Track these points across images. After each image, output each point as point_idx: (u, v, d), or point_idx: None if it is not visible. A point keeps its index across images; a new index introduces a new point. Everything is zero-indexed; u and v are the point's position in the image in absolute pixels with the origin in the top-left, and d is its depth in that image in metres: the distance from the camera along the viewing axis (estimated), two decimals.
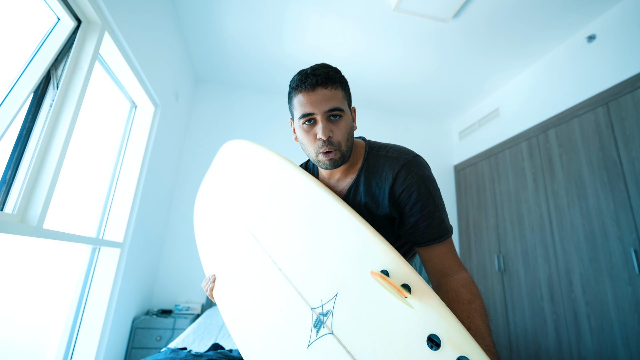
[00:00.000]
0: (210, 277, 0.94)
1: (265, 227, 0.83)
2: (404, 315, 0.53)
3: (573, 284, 2.03)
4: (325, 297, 0.64)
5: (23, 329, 1.39)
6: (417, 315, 0.52)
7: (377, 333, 0.55)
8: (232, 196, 0.99)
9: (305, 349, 0.63)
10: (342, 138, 0.73)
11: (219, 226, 1.01)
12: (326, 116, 0.71)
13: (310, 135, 0.73)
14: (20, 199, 1.12)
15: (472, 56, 2.54)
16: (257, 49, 2.62)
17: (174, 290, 2.57)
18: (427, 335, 0.50)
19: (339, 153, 0.73)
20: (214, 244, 1.03)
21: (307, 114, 0.71)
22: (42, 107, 1.22)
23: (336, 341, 0.59)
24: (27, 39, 1.20)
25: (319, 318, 0.63)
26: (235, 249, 0.90)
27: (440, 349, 0.48)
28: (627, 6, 1.98)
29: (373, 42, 2.45)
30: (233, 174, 1.03)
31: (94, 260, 1.73)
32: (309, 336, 0.64)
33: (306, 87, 0.71)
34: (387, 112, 3.56)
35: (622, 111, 1.89)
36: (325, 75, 0.71)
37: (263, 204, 0.86)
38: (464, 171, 3.31)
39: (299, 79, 0.73)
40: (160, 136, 2.22)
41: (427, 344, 0.49)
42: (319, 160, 0.75)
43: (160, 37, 2.02)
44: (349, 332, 0.58)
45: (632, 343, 1.69)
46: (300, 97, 0.72)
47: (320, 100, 0.70)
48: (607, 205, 1.90)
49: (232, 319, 0.84)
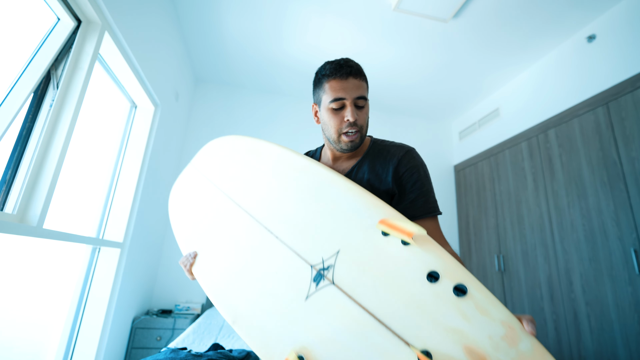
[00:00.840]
0: (190, 254, 0.90)
1: (261, 205, 0.84)
2: (405, 260, 0.58)
3: (573, 284, 2.03)
4: (327, 255, 0.67)
5: (23, 329, 1.39)
6: (417, 258, 0.57)
7: (380, 278, 0.59)
8: (221, 181, 0.98)
9: (303, 301, 0.64)
10: (364, 123, 0.84)
11: (202, 208, 1.00)
12: (355, 102, 0.81)
13: (338, 117, 0.82)
14: (20, 199, 1.12)
15: (472, 56, 2.54)
16: (257, 49, 2.62)
17: (174, 290, 2.57)
18: (427, 272, 0.55)
19: (360, 135, 0.83)
20: (194, 225, 1.00)
21: (339, 98, 0.81)
22: (42, 107, 1.22)
23: (337, 290, 0.61)
24: (27, 39, 1.20)
25: (319, 273, 0.65)
26: (225, 225, 0.89)
27: (439, 280, 0.54)
28: (627, 6, 1.98)
29: (373, 42, 2.45)
30: (222, 162, 1.03)
31: (94, 260, 1.73)
32: (308, 290, 0.65)
33: (340, 75, 0.81)
34: (387, 112, 3.56)
35: (622, 111, 1.89)
36: (357, 67, 0.83)
37: (259, 185, 0.87)
38: (464, 171, 3.31)
39: (332, 67, 0.83)
40: (160, 136, 2.22)
41: (427, 279, 0.55)
42: (340, 141, 0.84)
43: (161, 37, 2.02)
44: (350, 280, 0.61)
45: (632, 343, 1.69)
46: (334, 83, 0.81)
47: (352, 87, 0.81)
48: (607, 205, 1.90)
49: (217, 289, 0.81)
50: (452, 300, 0.51)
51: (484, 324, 0.48)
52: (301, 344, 0.60)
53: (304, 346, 0.60)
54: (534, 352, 0.44)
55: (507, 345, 0.46)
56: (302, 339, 0.61)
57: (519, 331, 0.46)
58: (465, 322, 0.49)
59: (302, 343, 0.60)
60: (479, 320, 0.49)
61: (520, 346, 0.45)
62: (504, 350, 0.45)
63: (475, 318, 0.49)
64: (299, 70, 2.87)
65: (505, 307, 0.49)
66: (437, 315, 0.51)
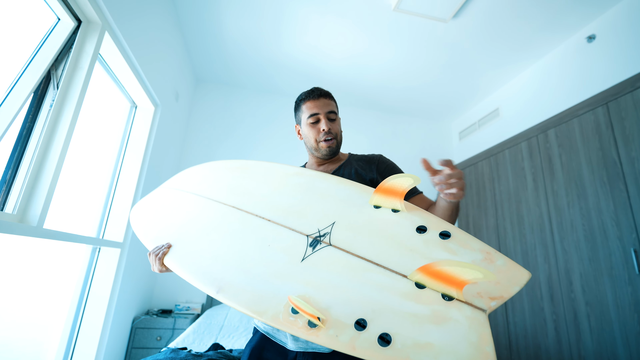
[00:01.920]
0: (163, 245, 0.85)
1: (251, 199, 0.85)
2: (396, 221, 0.67)
3: (573, 284, 2.03)
4: (322, 226, 0.72)
5: (23, 329, 1.39)
6: (407, 218, 0.67)
7: (375, 235, 0.66)
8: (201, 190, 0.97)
9: (299, 263, 0.67)
10: (337, 131, 1.03)
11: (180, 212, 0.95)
12: (327, 116, 1.01)
13: (315, 129, 1.01)
14: (20, 199, 1.12)
15: (471, 56, 2.54)
16: (257, 49, 2.62)
17: (174, 290, 2.57)
18: (415, 227, 0.65)
19: (336, 142, 1.01)
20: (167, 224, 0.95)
21: (314, 113, 1.00)
22: (42, 107, 1.23)
23: (334, 249, 0.67)
24: (27, 39, 1.20)
25: (315, 239, 0.70)
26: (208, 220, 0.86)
27: (426, 231, 0.64)
28: (627, 6, 1.98)
29: (373, 43, 2.45)
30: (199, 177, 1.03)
31: (94, 260, 1.73)
32: (304, 253, 0.68)
33: (313, 97, 1.02)
34: (387, 112, 3.56)
35: (622, 111, 1.89)
36: (325, 91, 1.05)
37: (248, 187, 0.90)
38: (464, 171, 3.31)
39: (306, 92, 1.04)
40: (160, 136, 2.22)
41: (417, 231, 0.64)
42: (320, 148, 1.01)
43: (161, 37, 2.02)
44: (347, 240, 0.67)
45: (632, 343, 1.69)
46: (309, 103, 1.02)
47: (323, 105, 1.01)
48: (607, 205, 1.90)
49: (198, 269, 0.76)
50: (439, 242, 0.61)
51: (467, 254, 0.59)
52: (299, 294, 0.61)
53: (303, 295, 0.60)
54: (508, 264, 0.56)
55: (487, 264, 0.57)
56: (299, 290, 0.62)
57: (494, 254, 0.58)
58: (452, 256, 0.59)
59: (301, 294, 0.61)
60: (462, 252, 0.59)
61: (497, 263, 0.56)
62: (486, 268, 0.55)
63: (460, 251, 0.60)
64: (299, 71, 2.87)
65: (481, 241, 0.61)
66: (429, 254, 0.60)
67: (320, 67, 2.81)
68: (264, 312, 0.60)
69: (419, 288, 0.56)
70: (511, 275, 0.54)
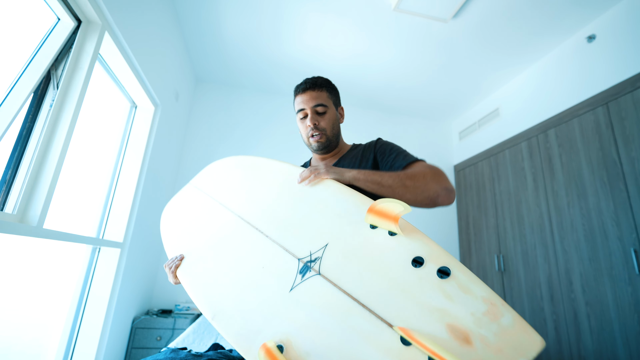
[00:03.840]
0: (177, 256, 0.90)
1: (254, 208, 0.86)
2: (391, 248, 0.60)
3: (573, 284, 2.03)
4: (315, 248, 0.68)
5: (23, 329, 1.39)
6: (403, 246, 0.59)
7: (365, 265, 0.60)
8: (217, 194, 1.01)
9: (287, 292, 0.64)
10: (327, 126, 0.99)
11: (195, 216, 1.00)
12: (313, 110, 0.98)
13: (304, 125, 1.00)
14: (20, 199, 1.12)
15: (472, 56, 2.54)
16: (256, 49, 2.62)
17: (174, 290, 2.57)
18: (412, 258, 0.57)
19: (325, 137, 0.99)
20: (182, 232, 1.00)
21: (301, 109, 0.99)
22: (42, 107, 1.22)
23: (323, 279, 0.62)
24: (27, 39, 1.20)
25: (306, 265, 0.66)
26: (213, 229, 0.90)
27: (423, 265, 0.55)
28: (627, 6, 1.98)
29: (373, 42, 2.45)
30: (217, 177, 1.06)
31: (94, 260, 1.73)
32: (293, 281, 0.65)
33: (299, 91, 1.01)
34: (387, 112, 3.56)
35: (622, 111, 1.89)
36: (313, 81, 1.01)
37: (253, 193, 0.90)
38: (464, 171, 3.31)
39: (296, 87, 1.03)
40: (160, 136, 2.22)
41: (412, 264, 0.56)
42: (310, 143, 1.01)
43: (161, 37, 2.02)
44: (336, 269, 0.62)
45: (632, 343, 1.70)
46: (297, 99, 1.01)
47: (309, 99, 0.98)
48: (607, 205, 1.90)
49: (200, 289, 0.80)
50: (436, 282, 0.52)
51: (466, 302, 0.49)
52: (282, 334, 0.59)
53: (285, 336, 0.59)
54: (516, 326, 0.44)
55: (489, 321, 0.46)
56: (283, 329, 0.59)
57: (501, 307, 0.46)
58: (448, 302, 0.50)
59: (283, 333, 0.59)
60: (461, 298, 0.49)
61: (502, 321, 0.45)
62: (486, 326, 0.46)
63: (458, 297, 0.50)
64: (299, 71, 2.87)
65: (487, 285, 0.49)
66: (421, 297, 0.52)
67: (320, 67, 2.80)
68: (248, 350, 0.60)
69: (405, 345, 0.49)
70: (518, 342, 0.43)
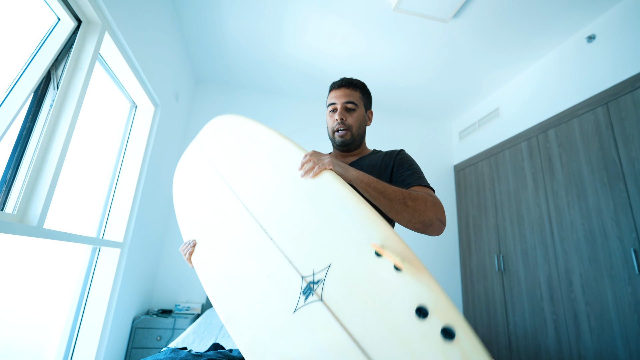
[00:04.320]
0: (190, 242, 0.92)
1: (258, 199, 0.82)
2: (396, 288, 0.55)
3: (573, 284, 2.03)
4: (318, 267, 0.66)
5: (23, 329, 1.39)
6: (408, 288, 0.54)
7: (368, 303, 0.57)
8: (222, 167, 0.97)
9: (291, 313, 0.64)
10: (353, 123, 1.02)
11: (203, 194, 0.99)
12: (343, 106, 1.02)
13: (332, 118, 1.05)
14: (20, 199, 1.12)
15: (472, 56, 2.54)
16: (257, 49, 2.62)
17: (174, 290, 2.57)
18: (416, 306, 0.53)
19: (349, 134, 1.02)
20: (195, 211, 1.00)
21: (332, 103, 1.04)
22: (42, 107, 1.23)
23: (325, 307, 0.60)
24: (27, 39, 1.20)
25: (308, 286, 0.65)
26: (222, 216, 0.88)
27: (427, 318, 0.51)
28: (627, 6, 1.98)
29: (373, 42, 2.45)
30: (224, 145, 1.01)
31: (94, 260, 1.73)
32: (297, 302, 0.65)
33: (335, 87, 1.06)
34: (387, 112, 3.56)
35: (621, 111, 1.89)
36: (349, 80, 1.06)
37: (258, 177, 0.85)
38: (464, 171, 3.31)
39: (332, 83, 1.07)
40: (160, 136, 2.22)
41: (416, 313, 0.52)
42: (334, 138, 1.04)
43: (161, 37, 2.02)
44: (338, 300, 0.60)
45: (632, 343, 1.70)
46: (331, 93, 1.06)
47: (341, 95, 1.03)
48: (607, 205, 1.90)
49: (213, 284, 0.81)
50: (439, 343, 0.49)
51: None
52: (286, 358, 0.61)
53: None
54: None
55: None
56: (287, 352, 0.61)
57: None
58: None
59: (287, 357, 0.61)
60: None
61: None
62: None
63: None
64: (299, 71, 2.87)
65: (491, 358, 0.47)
66: (421, 356, 0.49)
67: (321, 67, 2.81)
68: None
69: None
70: None
